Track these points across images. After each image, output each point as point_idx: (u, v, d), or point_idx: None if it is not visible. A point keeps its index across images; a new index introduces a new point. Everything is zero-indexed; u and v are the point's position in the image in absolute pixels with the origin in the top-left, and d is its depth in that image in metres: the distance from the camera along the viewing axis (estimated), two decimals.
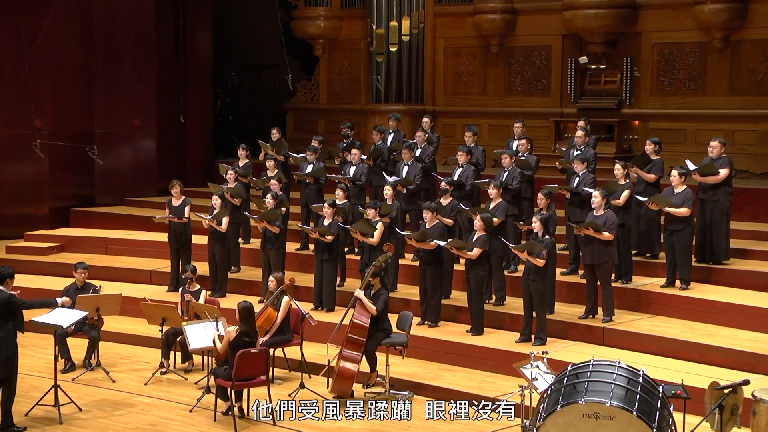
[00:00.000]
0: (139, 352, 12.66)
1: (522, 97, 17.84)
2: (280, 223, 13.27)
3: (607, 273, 11.47)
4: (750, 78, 15.71)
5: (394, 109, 17.76)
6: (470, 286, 11.66)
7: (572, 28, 16.89)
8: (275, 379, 11.28)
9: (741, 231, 13.47)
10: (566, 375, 7.91)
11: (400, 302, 12.51)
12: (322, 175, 14.48)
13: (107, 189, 18.34)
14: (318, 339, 11.60)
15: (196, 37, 19.23)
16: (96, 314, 11.54)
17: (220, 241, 13.66)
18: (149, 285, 14.66)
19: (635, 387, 7.66)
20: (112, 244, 16.41)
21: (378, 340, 10.80)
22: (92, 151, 17.17)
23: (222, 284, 13.74)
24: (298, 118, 20.28)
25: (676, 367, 10.32)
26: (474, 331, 11.75)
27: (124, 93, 18.31)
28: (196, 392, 10.83)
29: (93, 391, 11.12)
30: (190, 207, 13.95)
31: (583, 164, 12.70)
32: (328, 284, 12.83)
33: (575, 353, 10.64)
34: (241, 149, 15.45)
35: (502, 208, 12.30)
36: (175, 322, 11.44)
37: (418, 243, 11.97)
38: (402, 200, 13.84)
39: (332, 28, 19.59)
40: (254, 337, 10.08)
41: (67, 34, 17.64)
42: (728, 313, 11.37)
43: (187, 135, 19.08)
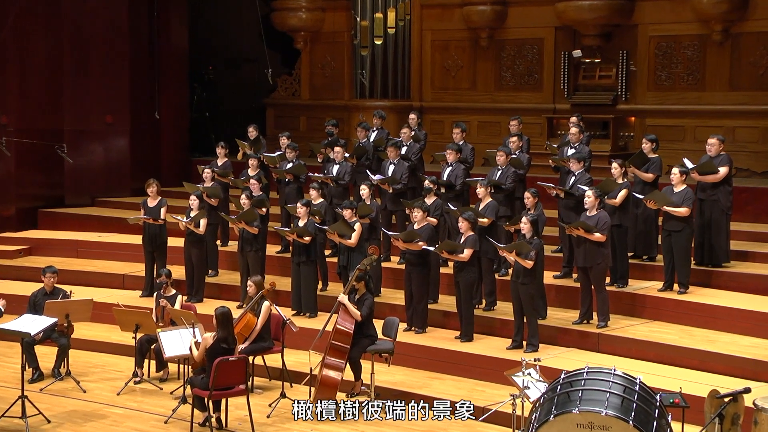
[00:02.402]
0: (111, 360, 12.63)
1: (513, 93, 17.87)
2: (259, 224, 13.26)
3: (600, 276, 11.51)
4: (751, 72, 15.77)
5: (379, 105, 17.77)
6: (459, 289, 11.68)
7: (565, 20, 16.93)
8: (255, 388, 11.27)
9: (742, 232, 13.53)
10: (559, 383, 7.92)
11: (386, 307, 12.53)
12: (302, 172, 14.48)
13: (77, 189, 18.27)
14: (300, 346, 11.59)
15: (171, 28, 19.18)
16: (65, 321, 11.50)
17: (197, 244, 13.65)
18: (122, 290, 14.63)
19: (632, 396, 7.68)
20: (82, 247, 16.36)
21: (363, 347, 10.81)
22: (61, 149, 17.10)
23: (199, 289, 13.73)
24: (279, 115, 20.27)
25: (675, 375, 10.36)
26: (463, 338, 11.77)
27: (95, 88, 18.24)
28: (172, 402, 10.81)
29: (62, 402, 11.08)
30: (166, 208, 13.93)
31: (579, 163, 12.70)
32: (307, 288, 12.83)
33: (569, 360, 10.67)
34: (220, 147, 15.43)
35: (491, 208, 12.32)
36: (150, 328, 11.41)
37: (405, 244, 11.98)
38: (388, 200, 13.85)
39: (314, 20, 19.58)
40: (233, 344, 10.07)
41: (33, 26, 17.55)
42: (729, 318, 11.41)
43: (161, 132, 19.03)
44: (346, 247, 12.57)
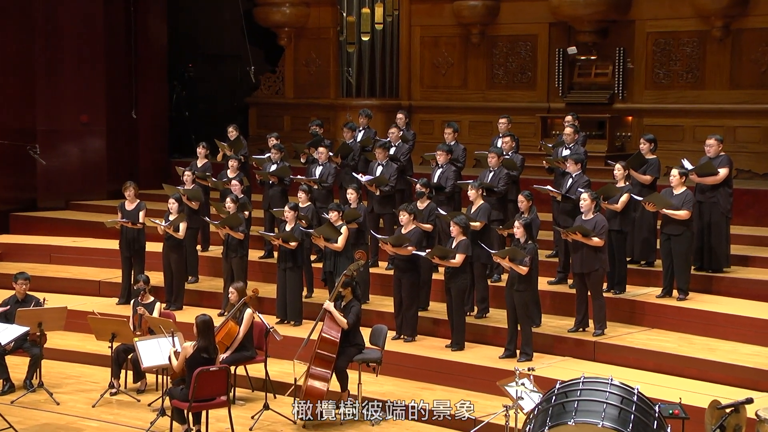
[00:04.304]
0: (86, 371, 12.60)
1: (506, 91, 17.91)
2: (244, 229, 13.25)
3: (598, 282, 11.53)
4: (752, 70, 15.84)
5: (367, 104, 17.79)
6: (451, 296, 11.68)
7: (560, 15, 16.98)
8: (237, 399, 11.26)
9: (743, 236, 13.58)
10: (554, 394, 7.93)
11: (374, 314, 12.53)
12: (287, 174, 14.47)
13: (51, 192, 18.23)
14: (284, 355, 11.58)
15: (150, 23, 19.16)
16: (38, 329, 11.47)
17: (177, 249, 13.63)
18: (98, 297, 14.60)
19: (629, 406, 7.69)
20: (56, 253, 16.32)
21: (349, 356, 10.80)
22: (34, 149, 17.08)
23: (178, 296, 13.71)
24: (262, 114, 20.26)
25: (674, 385, 10.39)
26: (454, 346, 11.77)
27: (69, 85, 18.20)
28: (150, 415, 10.78)
29: (35, 415, 11.03)
30: (145, 212, 13.91)
31: (577, 165, 12.70)
32: (293, 295, 12.82)
33: (564, 370, 10.69)
34: (201, 147, 15.40)
35: (483, 211, 12.33)
36: (127, 337, 11.38)
37: (394, 248, 11.98)
38: (375, 203, 13.85)
39: (299, 16, 19.58)
40: (214, 353, 10.06)
41: (3, 19, 17.52)
42: (730, 326, 11.45)
43: (139, 132, 19.00)
44: (332, 252, 12.56)
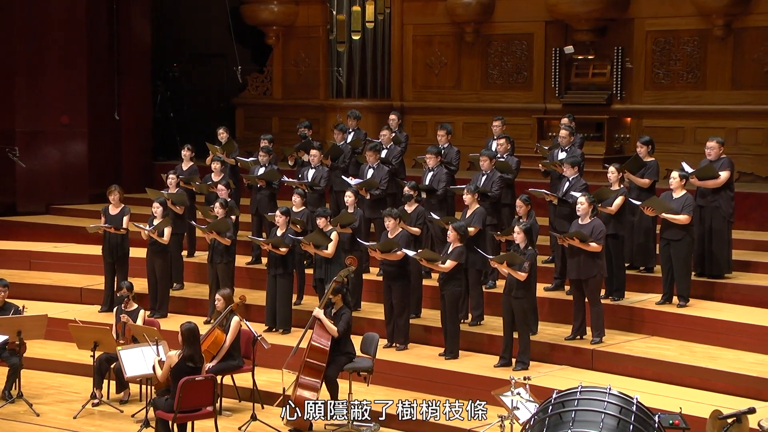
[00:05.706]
0: (67, 381, 12.58)
1: (501, 92, 17.94)
2: (231, 234, 13.24)
3: (595, 289, 11.54)
4: (755, 70, 15.88)
5: (357, 104, 17.79)
6: (444, 303, 11.68)
7: (556, 13, 17.01)
8: (223, 410, 11.24)
9: (745, 241, 13.60)
10: (551, 403, 7.93)
11: (364, 322, 12.52)
12: (276, 178, 14.46)
13: (31, 195, 18.21)
14: (272, 364, 11.57)
15: (133, 21, 19.16)
16: (17, 338, 11.45)
17: (161, 255, 13.61)
18: (79, 304, 14.58)
19: (628, 416, 7.70)
20: (36, 258, 16.29)
21: (340, 365, 10.80)
22: (13, 152, 17.07)
23: (163, 303, 13.69)
24: (249, 115, 20.27)
25: (674, 394, 10.40)
26: (448, 355, 11.78)
27: (50, 85, 18.19)
28: (134, 426, 10.78)
29: (14, 427, 11.01)
30: (129, 217, 13.89)
31: (574, 168, 12.70)
32: (283, 302, 12.82)
33: (561, 379, 10.70)
34: (186, 149, 15.34)
35: (479, 216, 12.33)
36: (109, 346, 11.37)
37: (383, 254, 11.97)
38: (366, 207, 13.83)
39: (287, 14, 19.60)
40: (199, 362, 10.05)
41: None
42: (732, 333, 11.47)
43: (122, 134, 19.00)
44: (323, 259, 12.52)
